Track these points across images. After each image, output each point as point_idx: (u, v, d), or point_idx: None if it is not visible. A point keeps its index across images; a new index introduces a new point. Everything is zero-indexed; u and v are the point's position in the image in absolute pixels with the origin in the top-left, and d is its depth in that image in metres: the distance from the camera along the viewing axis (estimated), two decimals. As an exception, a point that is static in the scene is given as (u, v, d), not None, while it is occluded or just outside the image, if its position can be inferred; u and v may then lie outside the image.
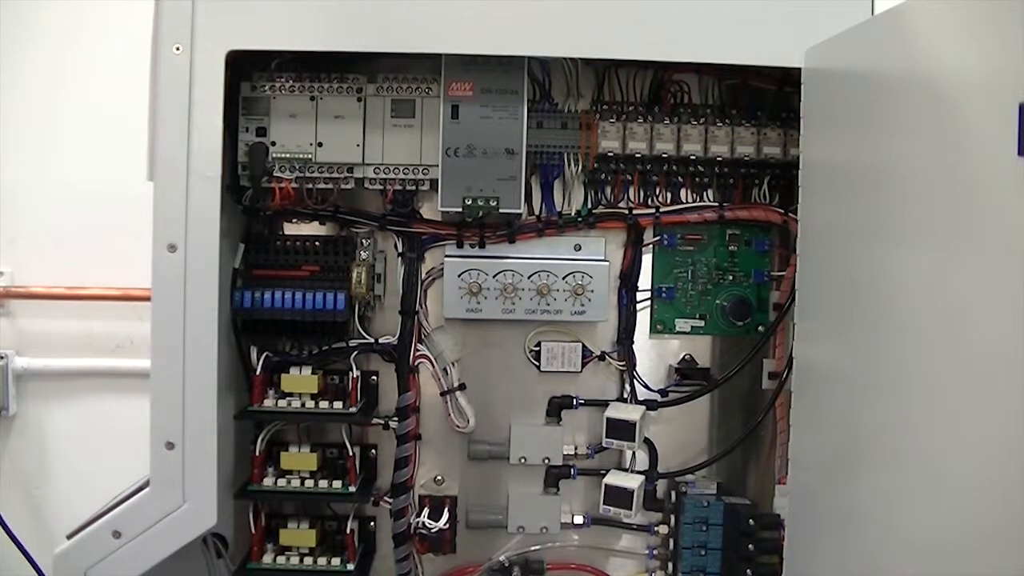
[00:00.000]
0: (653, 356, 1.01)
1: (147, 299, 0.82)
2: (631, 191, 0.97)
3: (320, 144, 0.90)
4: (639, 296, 0.99)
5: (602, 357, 1.00)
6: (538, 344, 1.00)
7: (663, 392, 1.00)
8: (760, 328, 0.99)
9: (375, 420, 0.96)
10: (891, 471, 0.63)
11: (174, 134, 0.80)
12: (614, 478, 0.95)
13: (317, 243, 0.94)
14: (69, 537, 0.83)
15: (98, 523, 0.82)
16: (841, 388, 0.72)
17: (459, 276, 0.94)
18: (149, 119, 0.81)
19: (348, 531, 0.93)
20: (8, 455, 1.28)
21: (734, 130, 0.93)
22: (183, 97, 0.80)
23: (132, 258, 1.02)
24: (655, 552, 1.00)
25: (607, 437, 0.94)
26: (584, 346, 0.99)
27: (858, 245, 0.69)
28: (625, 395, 0.98)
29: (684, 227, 0.98)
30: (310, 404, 0.91)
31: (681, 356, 1.01)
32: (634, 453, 0.97)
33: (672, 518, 0.99)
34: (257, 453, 0.91)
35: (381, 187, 0.92)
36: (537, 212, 0.97)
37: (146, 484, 0.83)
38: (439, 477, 1.01)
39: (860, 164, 0.71)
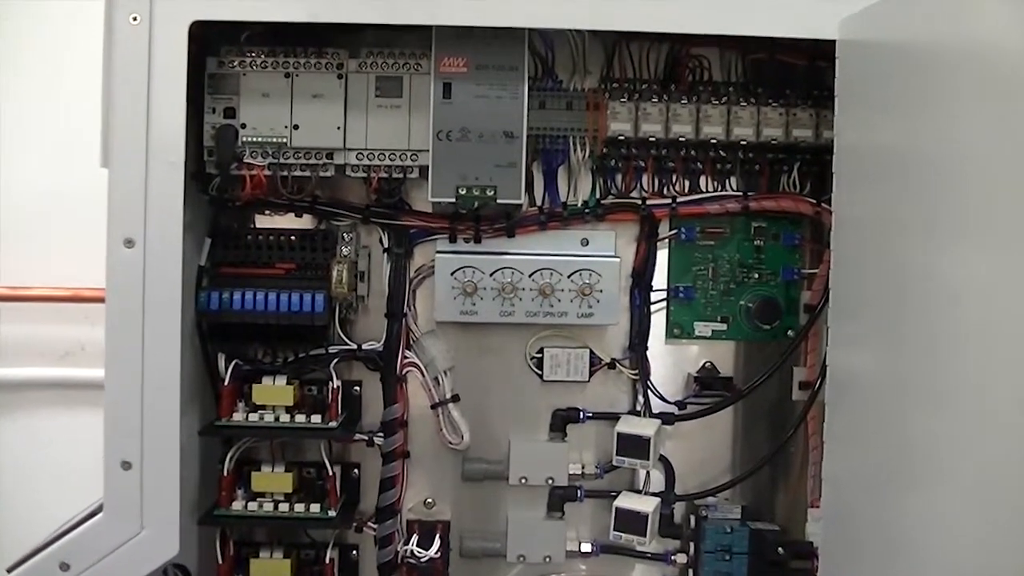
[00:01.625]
0: (669, 364, 1.01)
1: (100, 300, 0.82)
2: (644, 179, 0.96)
3: (296, 127, 0.89)
4: (653, 297, 0.99)
5: (612, 365, 1.00)
6: (540, 350, 0.99)
7: (681, 404, 0.99)
8: (789, 332, 0.99)
9: (358, 436, 0.95)
10: (939, 493, 0.62)
11: (131, 115, 0.79)
12: (626, 501, 0.95)
13: (293, 238, 0.94)
14: (10, 571, 0.82)
15: (43, 554, 0.81)
16: (882, 399, 0.71)
17: (452, 274, 0.94)
18: (103, 98, 0.80)
19: (327, 561, 0.93)
20: (-57, 476, 1.28)
21: (760, 110, 0.93)
22: (141, 73, 0.79)
23: (83, 254, 1.02)
24: (672, 583, 1.01)
25: (618, 455, 0.94)
26: (592, 353, 0.99)
27: (901, 239, 0.69)
28: (638, 407, 0.98)
29: (704, 219, 0.98)
30: (285, 418, 0.91)
31: (701, 364, 1.01)
32: (648, 472, 0.97)
33: (691, 545, 0.99)
34: (225, 473, 0.91)
35: (365, 175, 0.91)
36: (539, 203, 0.97)
37: (99, 509, 0.82)
38: (430, 500, 1.00)
39: (903, 148, 0.70)
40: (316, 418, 0.91)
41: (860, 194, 0.77)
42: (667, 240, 0.99)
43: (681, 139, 0.93)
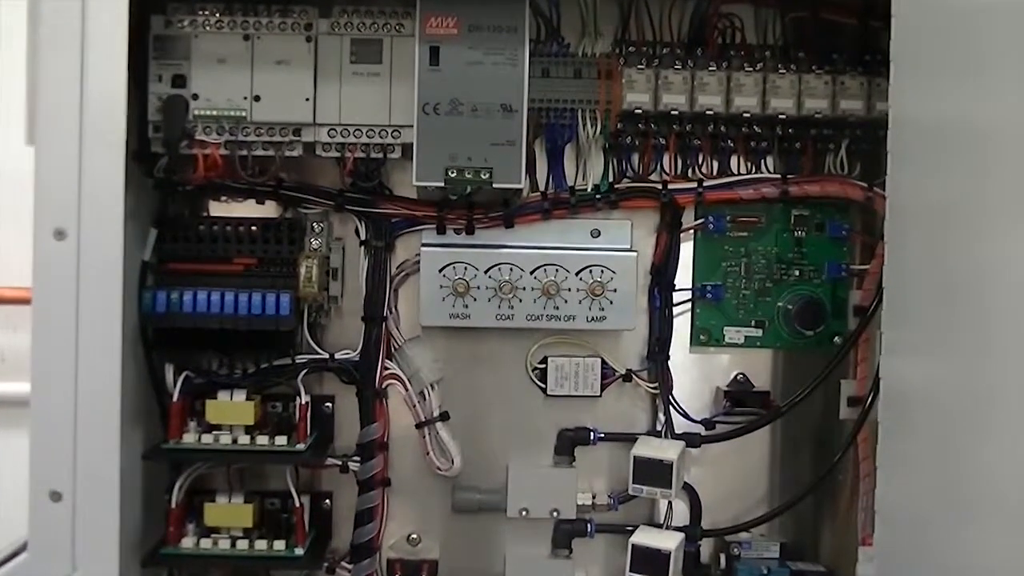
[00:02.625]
0: (695, 376, 1.01)
1: (25, 302, 0.81)
2: (665, 159, 0.96)
3: (257, 98, 0.89)
4: (676, 297, 0.99)
5: (628, 377, 1.00)
6: (544, 360, 1.00)
7: (708, 423, 0.99)
8: (836, 339, 0.99)
9: (330, 460, 0.96)
10: (1016, 529, 0.62)
11: (62, 85, 0.78)
12: (644, 536, 0.94)
13: (253, 228, 0.94)
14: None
15: (-41, 599, 0.82)
16: (946, 418, 0.70)
17: (440, 271, 0.94)
18: (28, 65, 0.82)
19: (294, 607, 0.93)
20: None
21: (801, 78, 0.93)
22: (73, 35, 0.78)
23: (4, 248, 1.02)
24: (699, 634, 1.01)
25: (635, 482, 0.94)
26: (604, 362, 0.99)
27: (970, 230, 0.68)
28: (658, 427, 0.99)
29: (735, 206, 0.98)
30: (244, 439, 0.91)
31: (732, 376, 1.01)
32: (670, 503, 0.96)
33: (720, 589, 0.99)
34: (173, 505, 0.91)
35: (338, 155, 0.91)
36: (542, 187, 0.97)
37: (23, 548, 0.81)
38: (414, 535, 1.00)
39: (973, 121, 0.69)
40: (281, 440, 0.91)
41: (920, 176, 0.77)
42: (692, 231, 0.99)
43: (708, 112, 0.93)
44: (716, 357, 1.01)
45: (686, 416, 0.99)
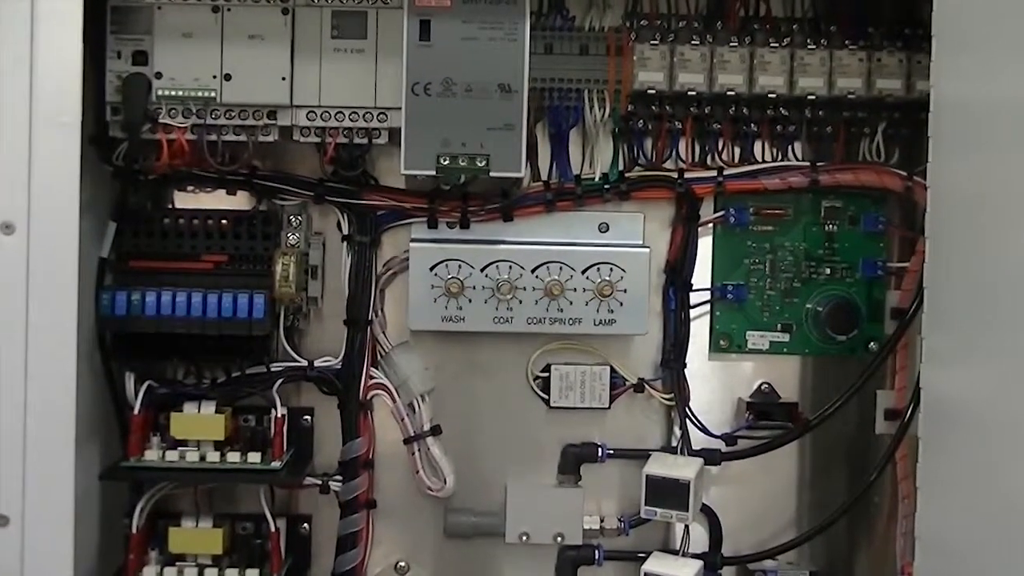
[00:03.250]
0: (715, 385, 1.01)
1: None
2: (682, 145, 0.96)
3: (228, 77, 0.89)
4: (694, 298, 0.99)
5: (640, 387, 0.99)
6: (547, 368, 1.00)
7: (729, 438, 0.99)
8: (872, 345, 0.98)
9: (308, 480, 0.95)
10: None
11: (10, 63, 0.78)
12: (659, 564, 0.94)
13: (224, 222, 0.94)
14: None
15: None
16: (993, 433, 0.70)
17: (431, 270, 0.94)
18: None
19: (270, 644, 0.94)
20: None
21: (833, 55, 0.92)
22: (22, 7, 0.78)
23: None
24: (718, 673, 1.00)
25: (648, 504, 0.94)
26: (613, 371, 0.99)
27: (1018, 223, 0.68)
28: (674, 442, 0.99)
29: (760, 197, 0.98)
30: (213, 457, 0.91)
31: (756, 386, 1.01)
32: (687, 527, 0.96)
33: (743, 623, 1.00)
34: (134, 530, 0.90)
35: (318, 140, 0.91)
36: (545, 177, 0.97)
37: None
38: (402, 563, 1.00)
39: (1023, 103, 0.68)
40: (254, 457, 0.91)
41: (965, 164, 0.77)
42: (711, 225, 0.99)
43: (729, 93, 0.92)
44: (738, 365, 1.01)
45: (704, 430, 0.98)
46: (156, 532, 0.92)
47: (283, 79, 0.89)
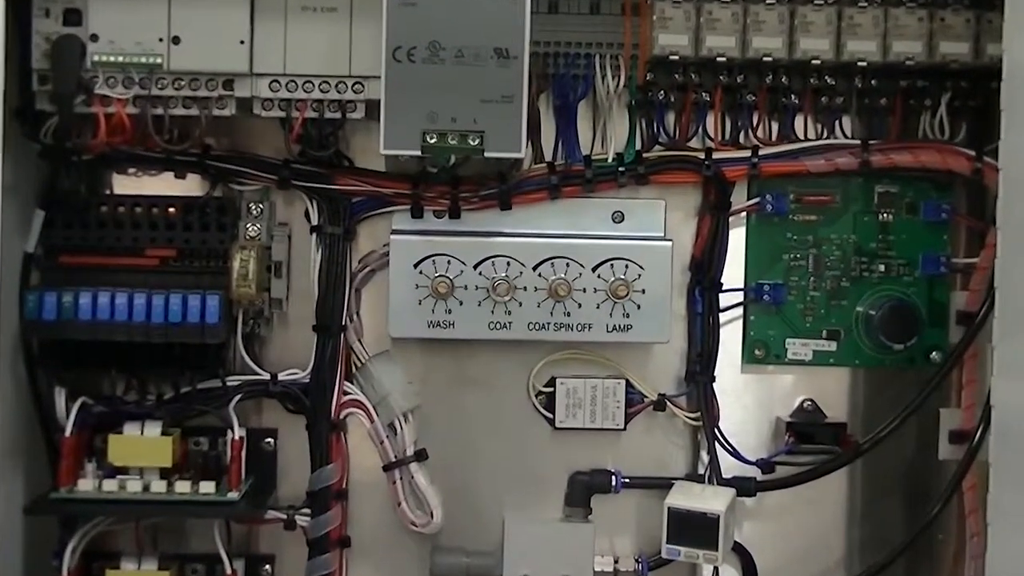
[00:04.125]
0: (748, 403, 1.01)
1: None
2: (709, 121, 0.96)
3: (176, 40, 0.89)
4: (724, 300, 0.99)
5: (661, 404, 0.99)
6: (551, 382, 0.99)
7: (766, 464, 0.99)
8: (934, 355, 0.99)
9: (271, 513, 0.95)
10: None
11: None
12: None
13: (172, 210, 0.94)
14: None
15: None
16: None
17: (416, 267, 0.93)
18: None
19: None
20: None
21: (888, 14, 0.92)
22: None
23: None
24: None
25: (670, 542, 0.93)
26: (630, 385, 0.99)
27: None
28: (701, 469, 0.99)
29: (802, 182, 0.98)
30: (159, 487, 0.90)
31: (797, 403, 1.01)
32: (716, 569, 0.96)
33: None
34: (65, 572, 0.90)
35: (283, 114, 0.91)
36: (549, 157, 0.96)
37: None
38: None
39: None
40: (207, 487, 0.91)
41: None
42: (745, 214, 0.99)
43: (766, 59, 0.92)
44: (776, 378, 1.01)
45: (737, 455, 0.98)
46: (92, 575, 0.92)
47: (241, 43, 0.88)
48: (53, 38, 0.87)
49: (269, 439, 0.98)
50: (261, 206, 0.94)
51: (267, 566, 0.98)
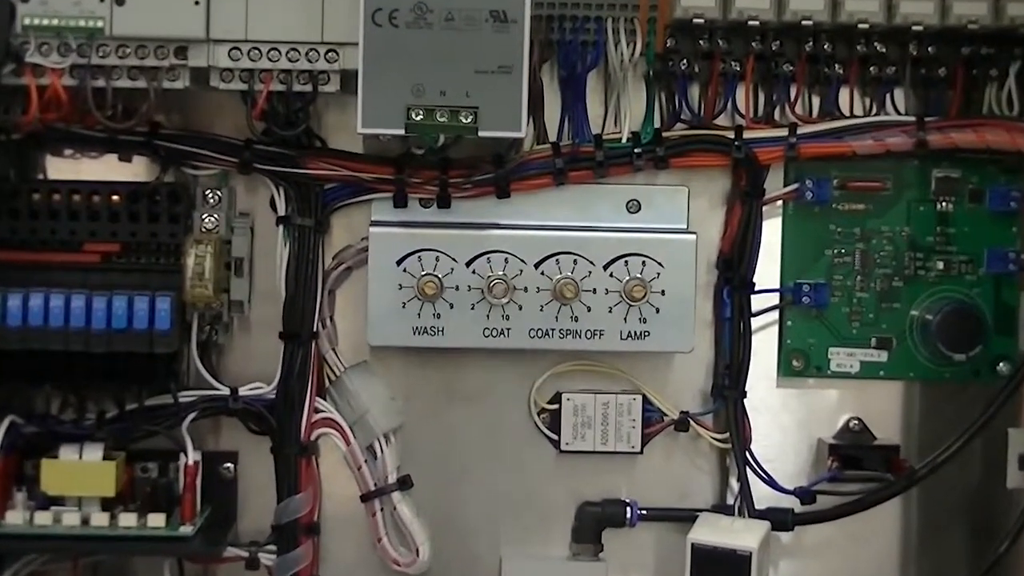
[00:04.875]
0: (786, 422, 1.01)
1: None
2: (740, 94, 0.96)
3: (120, 1, 0.87)
4: (757, 303, 0.99)
5: (683, 424, 0.99)
6: (556, 398, 0.99)
7: (806, 493, 0.99)
8: (1002, 367, 0.99)
9: (231, 551, 0.95)
10: None
11: None
12: None
13: (115, 198, 0.94)
14: None
15: None
16: None
17: (399, 264, 0.93)
18: None
19: None
20: None
21: None
22: None
23: None
24: None
25: None
26: (647, 402, 0.99)
27: None
28: (730, 499, 0.99)
29: (847, 165, 0.98)
30: (100, 519, 0.90)
31: (842, 422, 1.01)
32: None
33: None
34: None
35: (244, 87, 0.90)
36: (554, 137, 0.96)
37: None
38: None
39: None
40: (156, 520, 0.90)
41: None
42: (781, 202, 0.99)
43: (805, 22, 0.92)
44: (817, 394, 1.01)
45: (772, 483, 0.98)
46: (23, 622, 0.92)
47: (196, 3, 0.87)
48: (-25, -1, 0.87)
49: (228, 464, 0.97)
50: (219, 193, 0.94)
51: (226, 612, 0.98)
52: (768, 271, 0.98)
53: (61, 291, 0.89)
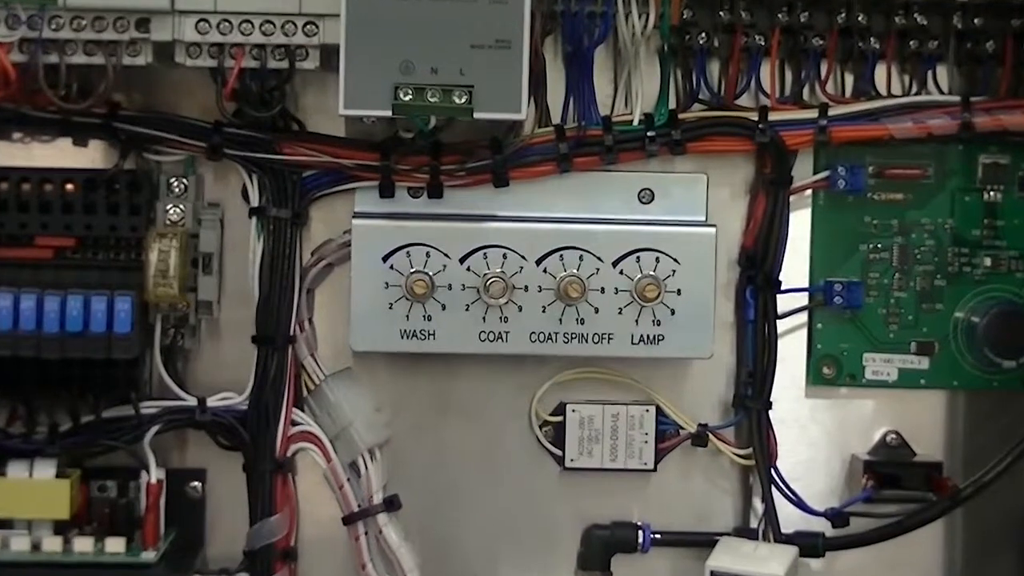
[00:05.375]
0: (815, 436, 1.01)
1: None
2: (764, 71, 0.96)
3: None
4: (784, 304, 0.99)
5: (702, 438, 0.99)
6: (560, 409, 0.99)
7: (838, 515, 0.99)
8: None
9: None
10: None
11: None
12: None
13: (70, 187, 0.94)
14: None
15: None
16: None
17: (385, 260, 0.93)
18: None
19: None
20: None
21: None
22: None
23: None
24: None
25: None
26: (662, 413, 0.99)
27: None
28: (754, 522, 0.99)
29: (884, 150, 0.98)
30: (52, 544, 0.90)
31: (879, 436, 1.01)
32: None
33: None
34: None
35: (214, 63, 0.90)
36: (558, 119, 0.96)
37: None
38: None
39: None
40: (115, 545, 0.90)
41: None
42: (811, 191, 0.99)
43: None
44: (851, 405, 1.01)
45: (800, 504, 0.98)
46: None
47: None
48: (-91, -37, 0.87)
49: (195, 483, 0.97)
50: (185, 182, 0.94)
51: (194, 648, 0.99)
52: (796, 268, 0.98)
53: (9, 290, 0.89)
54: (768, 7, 0.93)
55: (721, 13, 0.94)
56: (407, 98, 0.84)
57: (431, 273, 0.92)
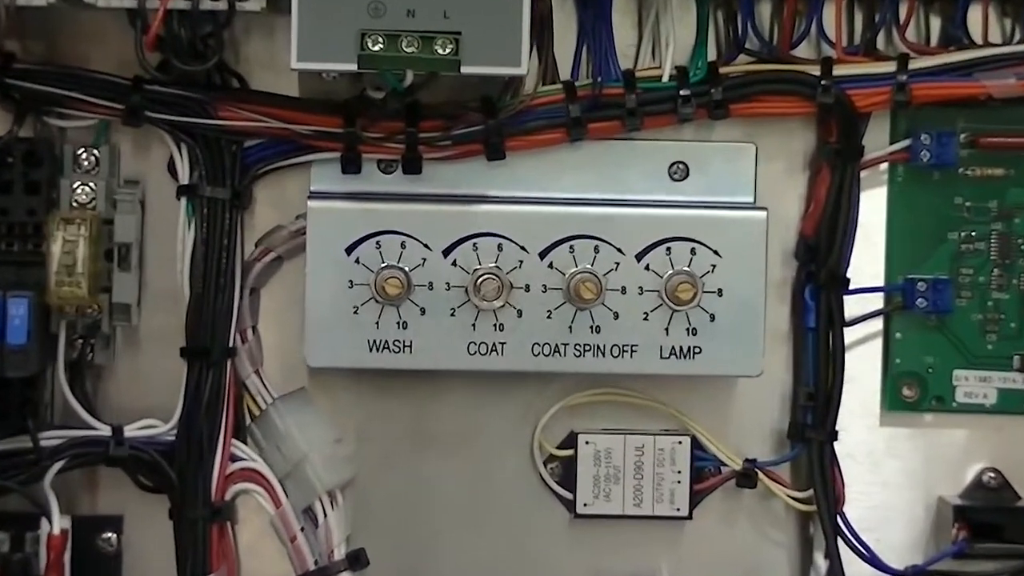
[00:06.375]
0: (892, 474, 1.01)
1: None
2: (827, 16, 0.96)
3: None
4: (852, 307, 0.98)
5: (749, 478, 0.99)
6: (570, 440, 0.98)
7: (922, 573, 0.99)
8: None
9: None
10: None
11: None
12: None
13: None
14: None
15: None
16: None
17: (348, 252, 0.93)
18: None
19: None
20: None
21: None
22: None
23: None
24: None
25: None
26: (699, 446, 0.99)
27: None
28: None
29: (979, 113, 0.97)
30: None
31: (974, 474, 1.01)
32: None
33: None
34: None
35: (133, 4, 0.88)
36: (568, 75, 0.96)
37: None
38: None
39: None
40: None
41: None
42: (887, 165, 0.98)
43: None
44: (938, 435, 1.00)
45: (873, 561, 0.98)
46: None
47: None
48: None
49: (109, 534, 0.97)
50: (96, 153, 0.93)
51: None
52: (868, 262, 0.98)
53: None
54: (830, -59, 0.93)
55: (770, -49, 0.94)
56: (377, 48, 0.82)
57: (407, 269, 0.91)
